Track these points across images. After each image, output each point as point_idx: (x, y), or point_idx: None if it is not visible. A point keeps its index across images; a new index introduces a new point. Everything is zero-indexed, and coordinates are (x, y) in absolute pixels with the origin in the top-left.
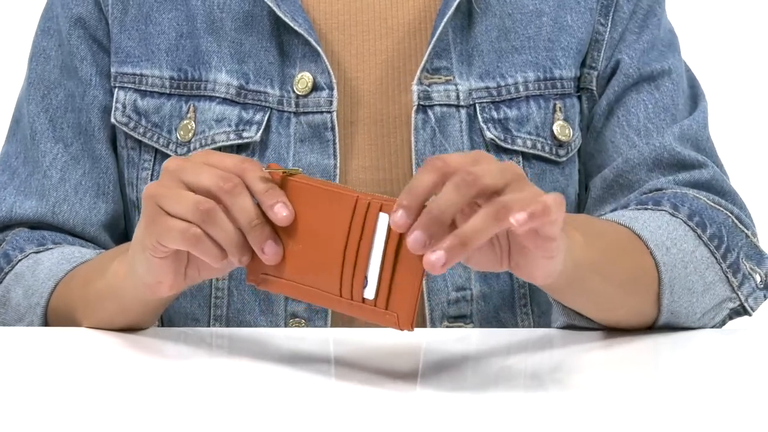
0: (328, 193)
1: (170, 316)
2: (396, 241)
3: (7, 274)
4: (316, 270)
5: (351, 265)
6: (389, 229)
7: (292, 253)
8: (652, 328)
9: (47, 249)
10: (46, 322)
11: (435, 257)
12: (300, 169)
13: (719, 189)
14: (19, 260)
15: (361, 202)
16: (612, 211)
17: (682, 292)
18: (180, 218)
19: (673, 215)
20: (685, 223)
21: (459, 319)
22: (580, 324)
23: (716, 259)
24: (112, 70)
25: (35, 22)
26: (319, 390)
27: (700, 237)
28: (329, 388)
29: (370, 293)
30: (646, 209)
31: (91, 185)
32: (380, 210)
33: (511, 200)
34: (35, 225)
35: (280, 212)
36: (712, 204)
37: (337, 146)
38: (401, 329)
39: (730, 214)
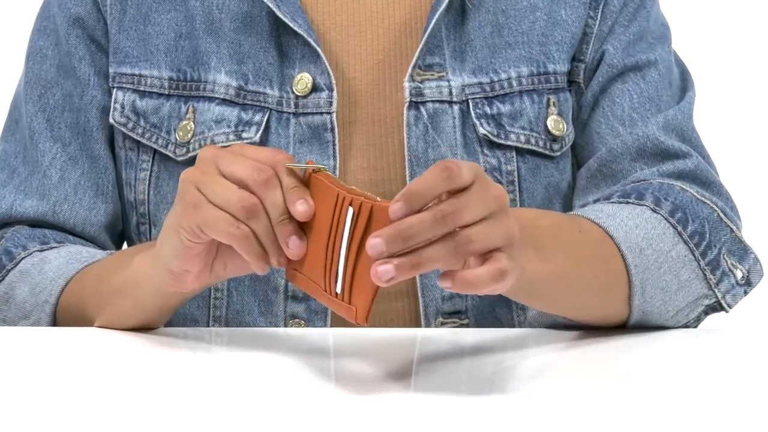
0: (329, 190)
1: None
2: (360, 236)
3: (9, 271)
4: (316, 266)
5: (330, 260)
6: (352, 224)
7: (309, 249)
8: (624, 326)
9: (51, 248)
10: (54, 320)
11: (383, 269)
12: (325, 167)
13: (703, 179)
14: (23, 258)
15: (340, 198)
16: (595, 201)
17: (655, 292)
18: (222, 209)
19: (654, 211)
20: (666, 219)
21: (454, 315)
22: (559, 319)
23: (694, 256)
24: (111, 70)
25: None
26: (319, 389)
27: (680, 234)
28: (328, 388)
29: (339, 287)
30: (628, 203)
31: (90, 185)
32: (349, 205)
33: (476, 236)
34: (35, 223)
35: (300, 207)
36: (699, 197)
37: (337, 147)
38: (357, 323)
39: (716, 208)
